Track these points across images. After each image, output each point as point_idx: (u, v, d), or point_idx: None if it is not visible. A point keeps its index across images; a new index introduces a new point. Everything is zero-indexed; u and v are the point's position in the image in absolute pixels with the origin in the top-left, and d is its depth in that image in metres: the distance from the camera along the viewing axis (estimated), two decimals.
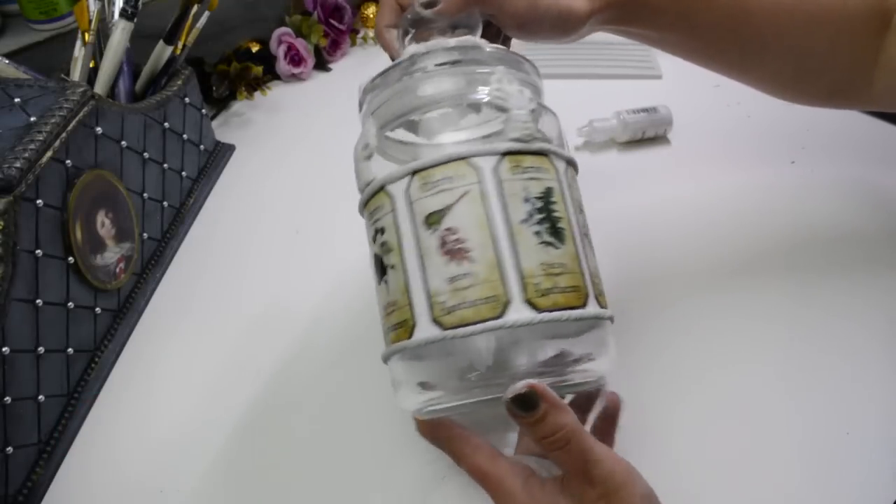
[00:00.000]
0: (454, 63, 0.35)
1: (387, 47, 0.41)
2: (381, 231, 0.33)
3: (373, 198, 0.34)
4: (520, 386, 0.29)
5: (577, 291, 0.31)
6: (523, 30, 0.40)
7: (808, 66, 0.44)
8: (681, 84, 0.71)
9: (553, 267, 0.31)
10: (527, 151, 0.32)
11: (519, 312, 0.30)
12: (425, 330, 0.31)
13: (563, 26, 0.40)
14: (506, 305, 0.30)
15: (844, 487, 0.39)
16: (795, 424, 0.42)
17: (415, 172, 0.32)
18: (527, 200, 0.31)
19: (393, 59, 0.39)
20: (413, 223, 0.32)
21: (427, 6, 0.38)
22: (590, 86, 0.73)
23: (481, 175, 0.31)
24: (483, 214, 0.31)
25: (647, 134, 0.64)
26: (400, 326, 0.32)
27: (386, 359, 0.34)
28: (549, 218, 0.31)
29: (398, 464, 0.41)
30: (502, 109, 0.34)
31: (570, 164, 0.35)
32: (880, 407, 0.43)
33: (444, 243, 0.31)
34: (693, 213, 0.57)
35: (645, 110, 0.64)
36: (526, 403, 0.30)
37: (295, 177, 0.64)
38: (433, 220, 0.31)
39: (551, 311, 0.30)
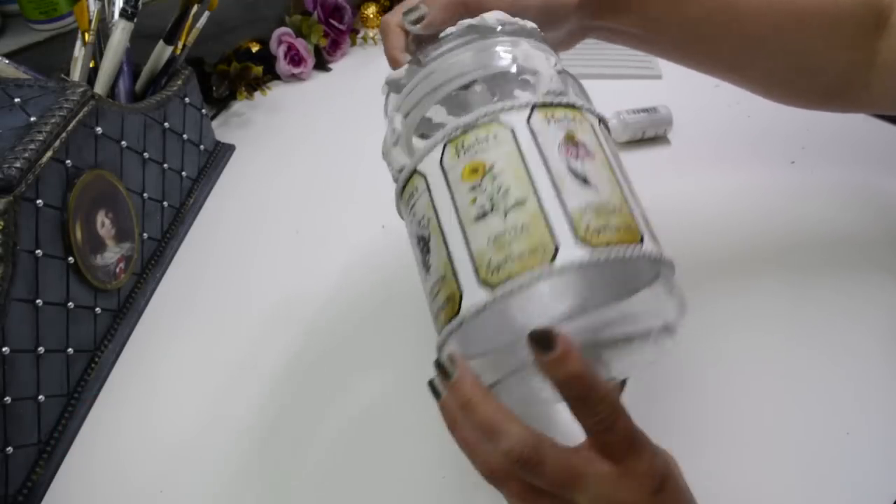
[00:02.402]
0: (473, 39, 0.35)
1: (394, 60, 0.41)
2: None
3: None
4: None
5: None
6: None
7: (801, 65, 0.44)
8: (681, 84, 0.71)
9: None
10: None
11: (571, 254, 0.28)
12: (473, 295, 0.29)
13: (549, 18, 0.39)
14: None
15: (844, 487, 0.39)
16: (795, 424, 0.42)
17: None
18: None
19: (393, 64, 0.40)
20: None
21: (414, 23, 0.39)
22: (590, 86, 0.72)
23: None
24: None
25: (647, 134, 0.64)
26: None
27: (441, 346, 0.31)
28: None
29: (399, 463, 0.41)
30: (531, 73, 0.33)
31: (602, 121, 0.35)
32: (880, 407, 0.43)
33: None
34: (693, 213, 0.57)
35: (645, 110, 0.64)
36: (544, 341, 0.27)
37: (295, 177, 0.64)
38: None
39: (605, 247, 0.28)
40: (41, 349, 0.41)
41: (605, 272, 0.29)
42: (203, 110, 0.63)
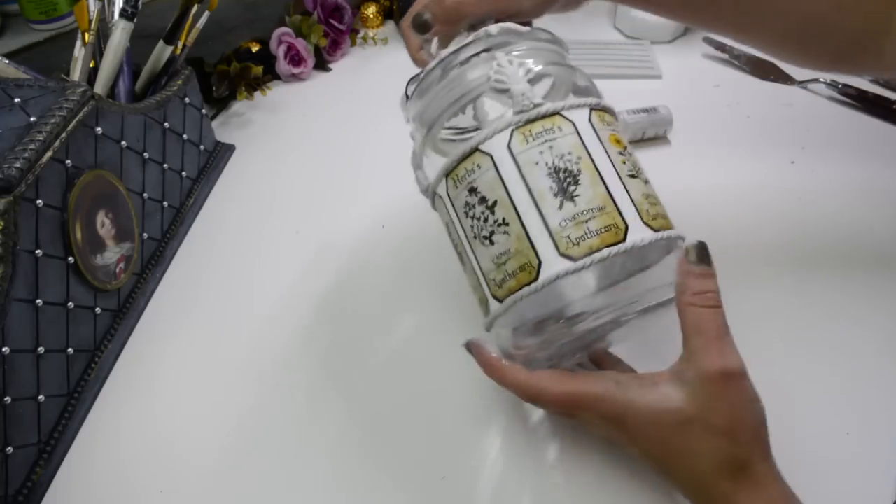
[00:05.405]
0: (456, 64, 0.38)
1: (417, 61, 0.44)
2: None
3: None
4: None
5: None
6: (536, 14, 0.42)
7: (812, 29, 0.44)
8: (681, 84, 0.71)
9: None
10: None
11: (640, 234, 0.34)
12: (555, 265, 0.33)
13: None
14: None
15: (844, 487, 0.39)
16: (796, 424, 0.42)
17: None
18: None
19: (416, 64, 0.44)
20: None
21: (418, 29, 0.41)
22: None
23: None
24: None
25: (647, 134, 0.64)
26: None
27: (507, 308, 0.36)
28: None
29: (398, 463, 0.41)
30: (505, 91, 0.36)
31: (595, 108, 0.37)
32: (880, 407, 0.43)
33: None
34: (693, 213, 0.56)
35: (645, 110, 0.64)
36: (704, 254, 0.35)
37: (295, 177, 0.64)
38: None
39: (663, 230, 0.35)
40: (41, 349, 0.41)
41: (663, 248, 0.36)
42: (203, 110, 0.63)
